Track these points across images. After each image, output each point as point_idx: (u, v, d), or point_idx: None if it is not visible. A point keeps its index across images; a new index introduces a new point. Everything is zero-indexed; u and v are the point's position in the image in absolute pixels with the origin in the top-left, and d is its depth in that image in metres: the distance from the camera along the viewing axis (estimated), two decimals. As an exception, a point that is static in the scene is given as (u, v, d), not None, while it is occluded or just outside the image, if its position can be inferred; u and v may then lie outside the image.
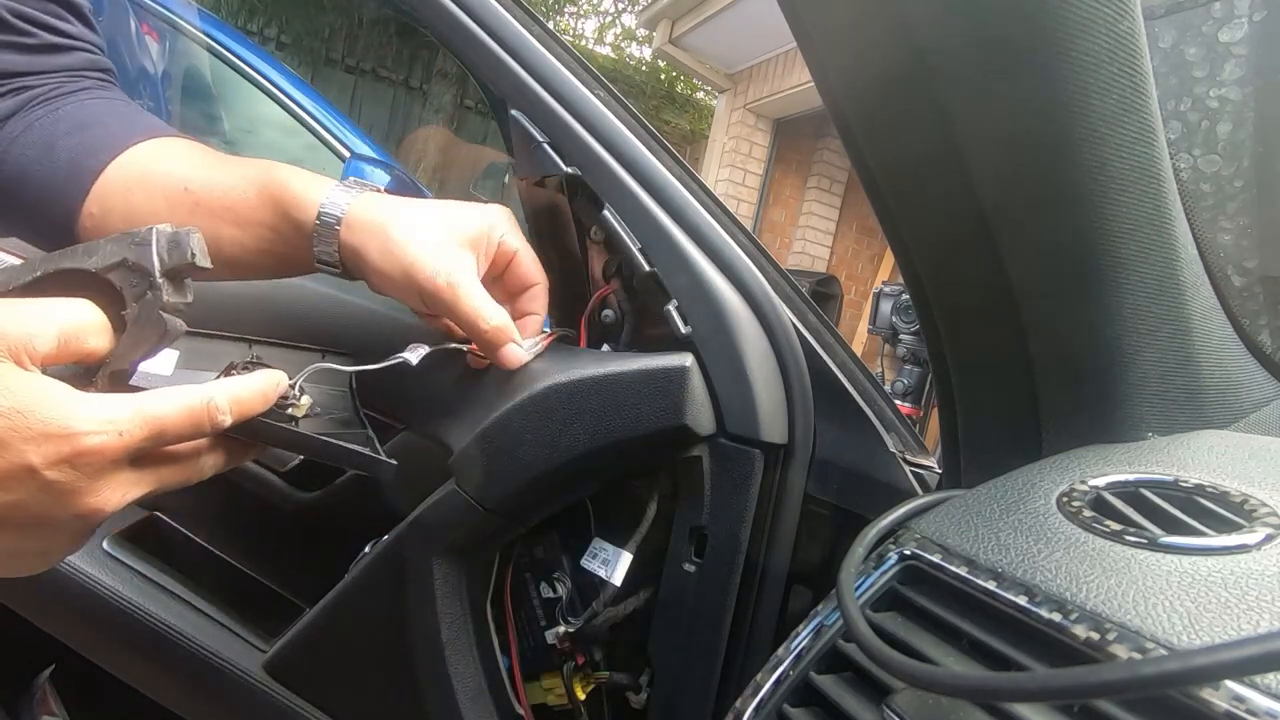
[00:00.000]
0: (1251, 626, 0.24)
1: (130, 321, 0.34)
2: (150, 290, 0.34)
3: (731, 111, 5.16)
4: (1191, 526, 0.29)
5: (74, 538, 0.34)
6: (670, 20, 5.02)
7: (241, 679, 0.58)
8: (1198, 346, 0.39)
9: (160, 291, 0.34)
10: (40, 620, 0.62)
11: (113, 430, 0.31)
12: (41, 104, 0.49)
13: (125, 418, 0.32)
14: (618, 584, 0.50)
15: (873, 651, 0.26)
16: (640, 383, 0.46)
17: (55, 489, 0.31)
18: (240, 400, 0.37)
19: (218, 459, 0.39)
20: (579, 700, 0.52)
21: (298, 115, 2.33)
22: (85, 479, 0.31)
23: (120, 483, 0.33)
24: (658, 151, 0.51)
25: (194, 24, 2.24)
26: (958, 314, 0.41)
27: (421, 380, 0.47)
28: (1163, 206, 0.35)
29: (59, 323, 0.32)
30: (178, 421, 0.34)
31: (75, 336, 0.33)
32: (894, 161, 0.38)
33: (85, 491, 0.32)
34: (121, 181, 0.48)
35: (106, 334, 0.34)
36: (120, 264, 0.35)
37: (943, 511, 0.36)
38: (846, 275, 5.07)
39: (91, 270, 0.35)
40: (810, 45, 0.37)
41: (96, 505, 0.32)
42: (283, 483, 0.70)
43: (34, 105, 0.49)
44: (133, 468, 0.34)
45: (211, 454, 0.38)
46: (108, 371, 0.35)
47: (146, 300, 0.34)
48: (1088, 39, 0.30)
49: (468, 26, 0.51)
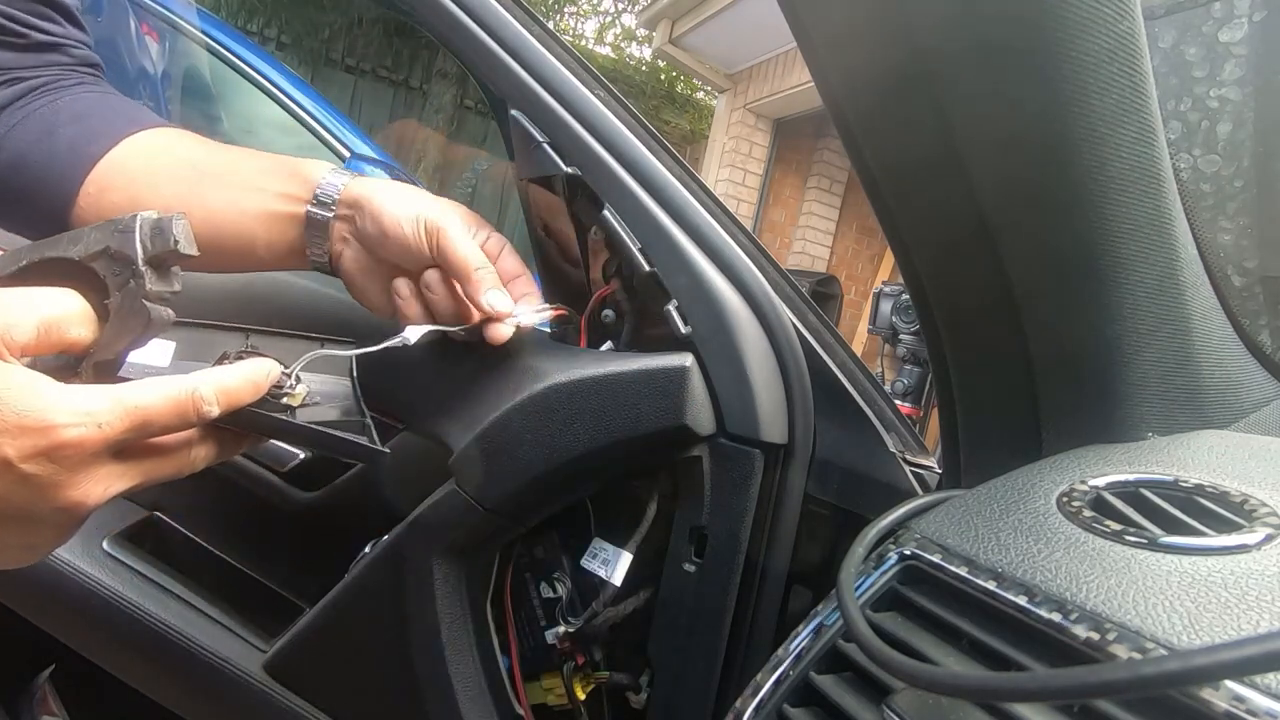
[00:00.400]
0: (1251, 626, 0.24)
1: (113, 311, 0.34)
2: (133, 279, 0.33)
3: (731, 111, 5.15)
4: (1191, 526, 0.29)
5: (59, 531, 0.34)
6: (670, 20, 5.02)
7: (241, 679, 0.58)
8: (1198, 346, 0.39)
9: (143, 280, 0.33)
10: (40, 620, 0.62)
11: (91, 422, 0.31)
12: (40, 95, 0.49)
13: (105, 409, 0.31)
14: (618, 584, 0.50)
15: (873, 651, 0.26)
16: (640, 383, 0.46)
17: (33, 482, 0.30)
18: (227, 390, 0.36)
19: (209, 450, 0.38)
20: (579, 700, 0.52)
21: (298, 115, 2.33)
22: (64, 472, 0.31)
23: (102, 476, 0.33)
24: (658, 151, 0.51)
25: (194, 24, 2.24)
26: (958, 314, 0.41)
27: (422, 380, 0.47)
28: (1163, 206, 0.35)
29: (39, 312, 0.32)
30: (161, 412, 0.33)
31: (56, 326, 0.32)
32: (894, 162, 0.38)
33: (65, 485, 0.31)
34: (122, 164, 0.48)
35: (90, 323, 0.34)
36: (103, 252, 0.34)
37: (943, 511, 0.36)
38: (846, 275, 5.07)
39: (75, 259, 0.34)
40: (810, 46, 0.37)
41: (78, 498, 0.32)
42: (283, 483, 0.70)
43: (32, 96, 0.49)
44: (116, 460, 0.33)
45: (203, 445, 0.38)
46: (92, 361, 0.34)
47: (129, 289, 0.33)
48: (1088, 39, 0.30)
49: (468, 26, 0.51)
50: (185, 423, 0.35)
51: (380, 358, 0.46)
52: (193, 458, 0.37)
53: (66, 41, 0.52)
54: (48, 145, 0.47)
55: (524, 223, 0.59)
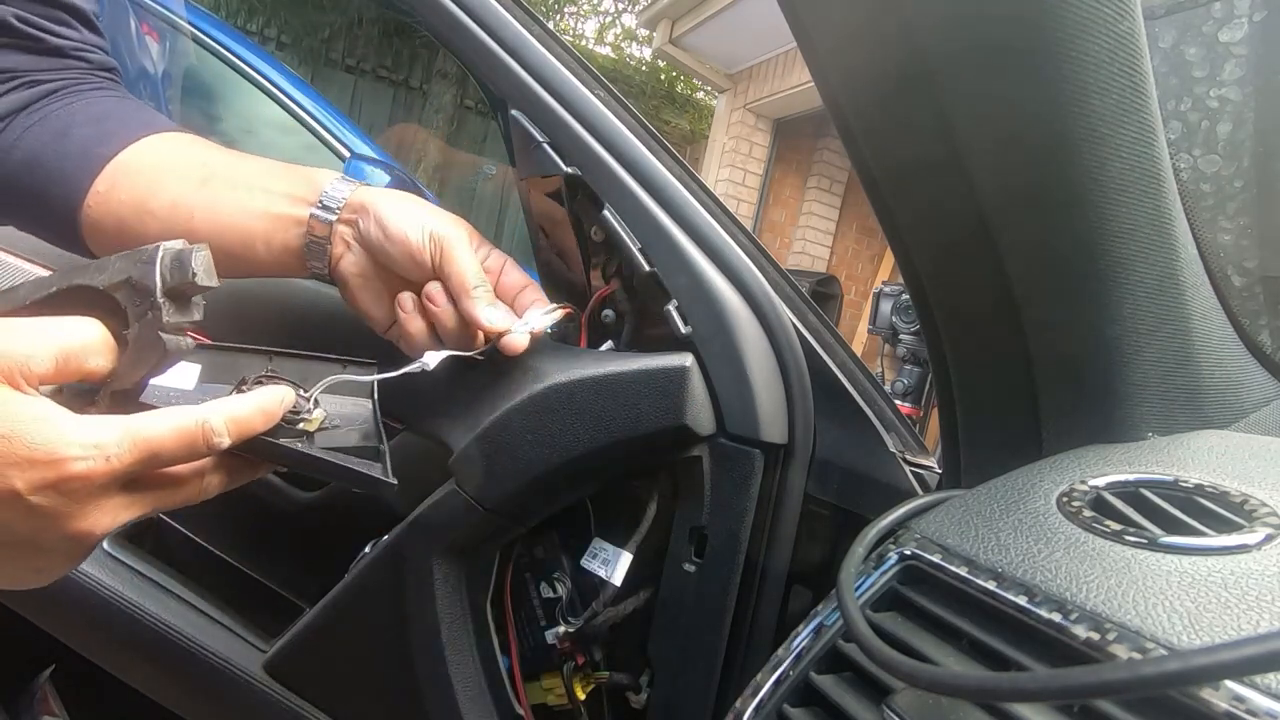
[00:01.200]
0: (1251, 626, 0.24)
1: (131, 341, 0.34)
2: (151, 310, 0.34)
3: (731, 111, 5.16)
4: (1191, 526, 0.29)
5: (68, 558, 0.34)
6: (670, 20, 5.02)
7: (241, 679, 0.58)
8: (1198, 346, 0.39)
9: (160, 312, 0.33)
10: (40, 620, 0.62)
11: (100, 455, 0.31)
12: (56, 99, 0.49)
13: (113, 441, 0.32)
14: (618, 584, 0.50)
15: (873, 651, 0.26)
16: (640, 383, 0.46)
17: (41, 513, 0.31)
18: (238, 420, 0.36)
19: (222, 478, 0.38)
20: (579, 700, 0.52)
21: (298, 115, 2.33)
22: (72, 503, 0.31)
23: (110, 507, 0.33)
24: (658, 151, 0.51)
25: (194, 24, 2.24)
26: (958, 314, 0.41)
27: (422, 380, 0.47)
28: (1163, 207, 0.35)
29: (57, 342, 0.32)
30: (170, 444, 0.33)
31: (75, 356, 0.32)
32: (894, 162, 0.38)
33: (73, 516, 0.32)
34: (132, 165, 0.48)
35: (109, 353, 0.34)
36: (125, 282, 0.34)
37: (943, 511, 0.36)
38: (846, 275, 5.07)
39: (99, 288, 0.34)
40: (810, 46, 0.37)
41: (86, 529, 0.32)
42: (283, 483, 0.70)
43: (49, 99, 0.49)
44: (125, 491, 0.34)
45: (215, 474, 0.38)
46: (108, 391, 0.34)
47: (147, 320, 0.34)
48: (1088, 40, 0.30)
49: (468, 26, 0.51)
50: (195, 454, 0.35)
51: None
52: (204, 486, 0.38)
53: (83, 46, 0.52)
54: (60, 146, 0.48)
55: (524, 223, 0.59)
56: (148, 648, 0.59)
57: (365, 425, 0.47)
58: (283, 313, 0.65)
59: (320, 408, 0.42)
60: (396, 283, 0.50)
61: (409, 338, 0.50)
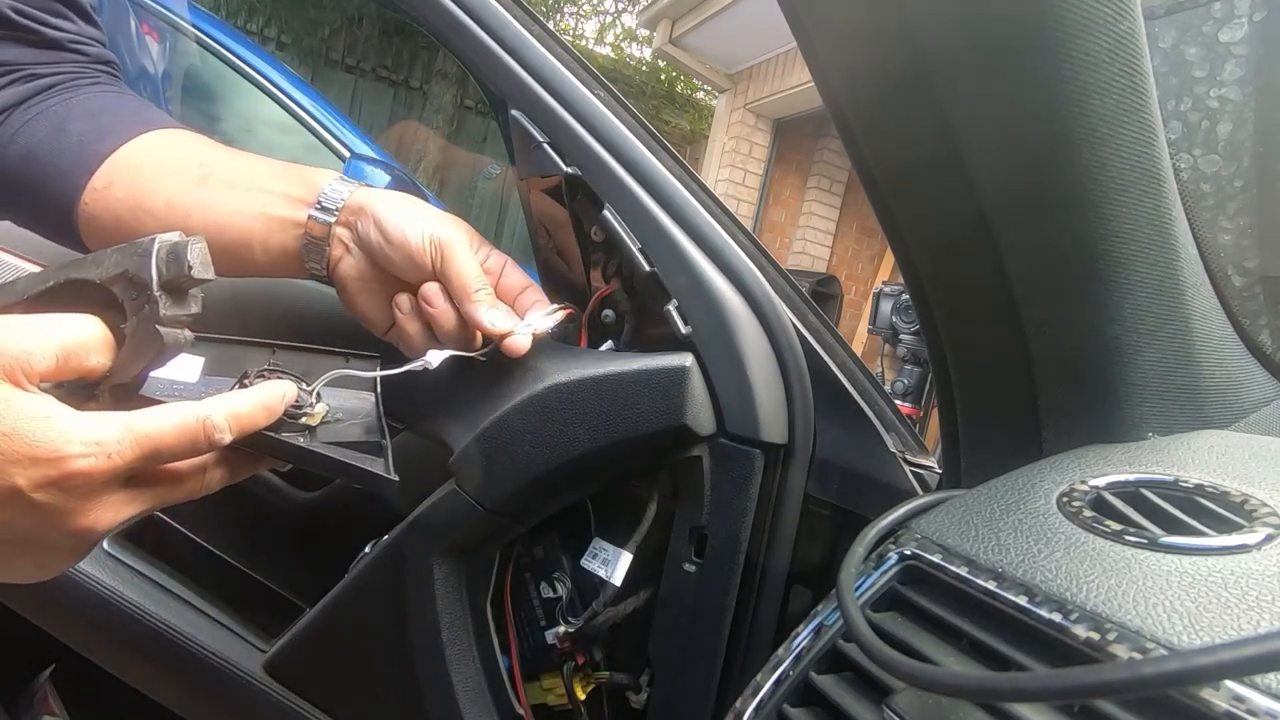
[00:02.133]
0: (1251, 626, 0.24)
1: (128, 336, 0.34)
2: (148, 304, 0.33)
3: (731, 111, 5.15)
4: (1191, 526, 0.29)
5: (70, 554, 0.34)
6: (670, 20, 5.02)
7: (241, 679, 0.58)
8: (1198, 346, 0.39)
9: (157, 305, 0.33)
10: (40, 620, 0.62)
11: (101, 452, 0.31)
12: (54, 93, 0.49)
13: (114, 438, 0.32)
14: (618, 584, 0.50)
15: (873, 651, 0.26)
16: (640, 383, 0.46)
17: (43, 510, 0.31)
18: (239, 415, 0.36)
19: (224, 473, 0.39)
20: (579, 700, 0.52)
21: (298, 115, 2.33)
22: (74, 500, 0.31)
23: (112, 503, 0.33)
24: (658, 151, 0.51)
25: (194, 24, 2.24)
26: (958, 314, 0.41)
27: (422, 380, 0.47)
28: (1163, 207, 0.35)
29: (58, 340, 0.32)
30: (171, 441, 0.33)
31: (75, 353, 0.33)
32: (894, 162, 0.38)
33: (75, 513, 0.32)
34: (130, 161, 0.48)
35: (108, 349, 0.34)
36: (121, 275, 0.34)
37: (943, 511, 0.36)
38: (846, 275, 5.07)
39: (96, 281, 0.34)
40: (810, 46, 0.37)
41: (88, 525, 0.32)
42: (283, 483, 0.70)
43: (47, 94, 0.49)
44: (126, 487, 0.34)
45: (217, 469, 0.38)
46: (108, 385, 0.34)
47: (144, 314, 0.33)
48: (1088, 39, 0.30)
49: (468, 26, 0.51)
50: (196, 450, 0.35)
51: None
52: (206, 482, 0.38)
53: (81, 39, 0.52)
54: (57, 142, 0.47)
55: (524, 223, 0.59)
56: (148, 648, 0.59)
57: (368, 419, 0.47)
58: (284, 312, 0.65)
59: (323, 402, 0.42)
60: (395, 285, 0.50)
61: (407, 339, 0.50)
